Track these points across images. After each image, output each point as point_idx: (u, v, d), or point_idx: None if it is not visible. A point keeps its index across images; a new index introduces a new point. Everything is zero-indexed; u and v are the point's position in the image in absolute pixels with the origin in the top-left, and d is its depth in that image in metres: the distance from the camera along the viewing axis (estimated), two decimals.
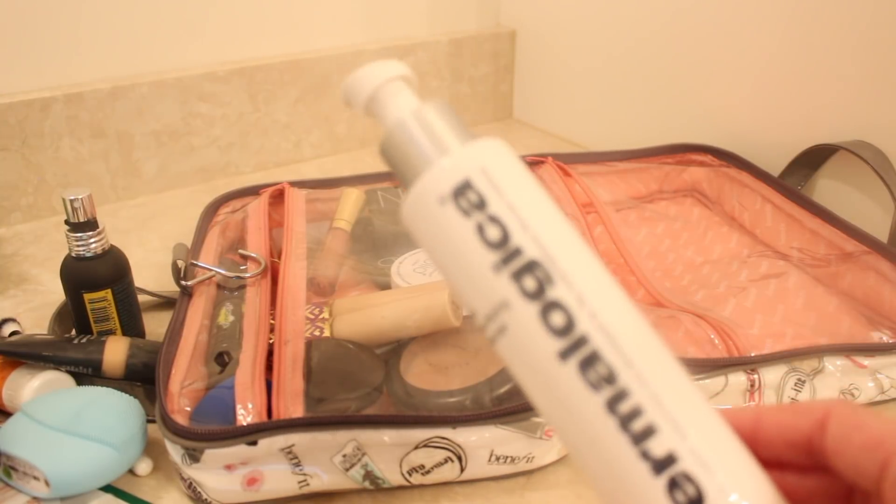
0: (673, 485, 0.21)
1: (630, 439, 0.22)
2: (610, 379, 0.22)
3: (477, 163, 0.25)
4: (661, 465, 0.22)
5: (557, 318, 0.23)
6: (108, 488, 0.41)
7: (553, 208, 0.25)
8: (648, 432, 0.22)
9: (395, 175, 0.27)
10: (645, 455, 0.22)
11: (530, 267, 0.23)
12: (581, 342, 0.23)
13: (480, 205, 0.24)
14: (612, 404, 0.22)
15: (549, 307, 0.23)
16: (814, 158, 0.65)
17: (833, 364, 0.44)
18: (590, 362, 0.23)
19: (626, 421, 0.22)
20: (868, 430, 0.22)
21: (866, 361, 0.45)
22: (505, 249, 0.24)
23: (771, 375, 0.43)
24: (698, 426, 0.23)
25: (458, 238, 0.24)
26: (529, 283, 0.23)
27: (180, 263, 0.51)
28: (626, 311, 0.24)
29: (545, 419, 0.25)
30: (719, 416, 0.24)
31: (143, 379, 0.45)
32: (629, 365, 0.23)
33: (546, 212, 0.25)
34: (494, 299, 0.24)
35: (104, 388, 0.42)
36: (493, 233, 0.24)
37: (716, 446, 0.22)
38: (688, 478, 0.21)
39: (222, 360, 0.44)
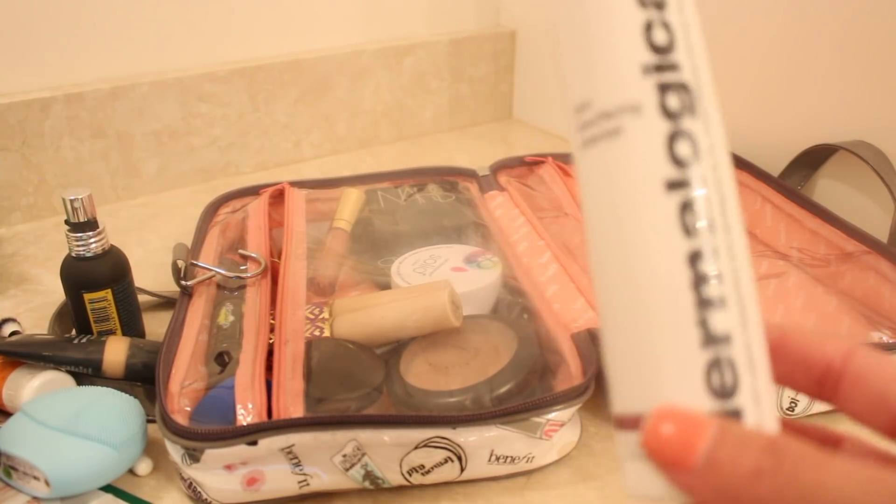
0: (714, 364, 0.20)
1: (696, 300, 0.20)
2: (707, 232, 0.21)
3: None
4: (713, 340, 0.20)
5: (683, 149, 0.21)
6: (109, 488, 0.41)
7: (704, 47, 0.24)
8: (717, 304, 0.21)
9: None
10: (702, 323, 0.20)
11: (681, 87, 0.22)
12: (696, 183, 0.21)
13: (660, 5, 0.22)
14: (695, 258, 0.21)
15: (680, 134, 0.21)
16: (814, 158, 0.65)
17: None
18: (693, 207, 0.21)
19: (700, 280, 0.21)
20: (889, 370, 0.21)
21: None
22: (665, 58, 0.22)
23: None
24: (755, 324, 0.21)
25: (624, 23, 0.22)
26: (673, 101, 0.22)
27: (180, 263, 0.51)
28: (732, 181, 0.23)
29: (595, 245, 0.22)
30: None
31: (143, 379, 0.46)
32: (727, 229, 0.21)
33: (704, 48, 0.23)
34: (627, 97, 0.22)
35: (104, 388, 0.42)
36: (661, 36, 0.22)
37: (761, 351, 0.21)
38: (732, 365, 0.20)
39: (222, 360, 0.44)
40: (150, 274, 0.61)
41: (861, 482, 0.17)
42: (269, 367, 0.42)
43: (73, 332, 0.50)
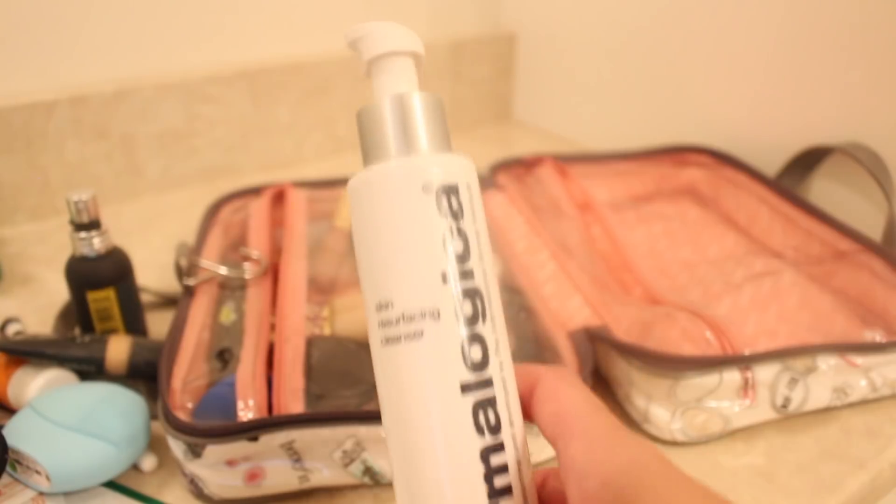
0: None
1: (488, 491, 0.23)
2: (495, 429, 0.23)
3: (467, 176, 0.25)
4: None
5: (476, 353, 0.23)
6: (112, 484, 0.41)
7: (490, 250, 0.26)
8: (506, 492, 0.23)
9: (365, 143, 0.26)
10: None
11: (474, 293, 0.24)
12: (486, 385, 0.23)
13: (457, 215, 0.24)
14: (487, 454, 0.23)
15: (474, 339, 0.23)
16: (809, 160, 0.66)
17: (826, 363, 0.45)
18: (484, 407, 0.23)
19: (492, 474, 0.23)
20: (557, 401, 0.24)
21: (859, 360, 0.46)
22: (461, 265, 0.24)
23: (764, 373, 0.44)
24: (532, 492, 0.24)
25: (424, 231, 0.23)
26: (468, 307, 0.23)
27: (183, 262, 0.52)
28: (512, 370, 0.25)
29: (395, 436, 0.24)
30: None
31: (146, 376, 0.46)
32: (511, 423, 0.24)
33: (490, 254, 0.25)
34: (427, 304, 0.23)
35: (110, 385, 0.43)
36: (458, 245, 0.24)
37: None
38: None
39: (224, 357, 0.45)
40: (153, 273, 0.61)
41: None
42: (269, 365, 0.43)
43: (77, 330, 0.50)
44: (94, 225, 0.47)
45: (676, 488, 0.21)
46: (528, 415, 0.25)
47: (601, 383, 0.49)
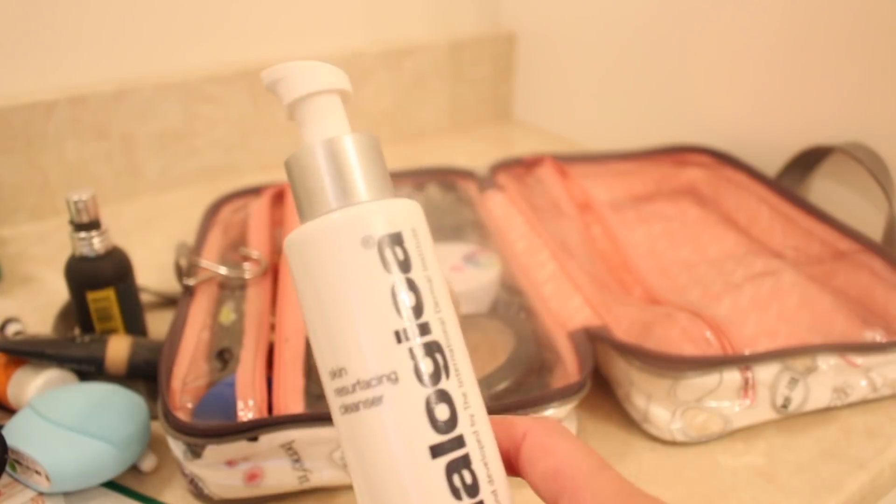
0: None
1: None
2: (472, 491, 0.22)
3: (410, 221, 0.23)
4: None
5: (442, 412, 0.22)
6: (112, 484, 0.41)
7: (449, 299, 0.24)
8: None
9: (297, 196, 0.24)
10: None
11: (433, 348, 0.22)
12: (457, 443, 0.22)
13: (404, 265, 0.22)
14: None
15: (439, 397, 0.22)
16: (809, 160, 0.66)
17: (826, 363, 0.45)
18: (458, 467, 0.21)
19: None
20: (552, 457, 0.22)
21: (859, 360, 0.46)
22: (415, 321, 0.22)
23: (764, 373, 0.44)
24: None
25: (372, 289, 0.22)
26: (428, 364, 0.22)
27: (182, 262, 0.52)
28: (486, 419, 0.23)
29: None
30: None
31: (146, 376, 0.46)
32: (490, 481, 0.22)
33: (449, 300, 0.24)
34: (384, 368, 0.21)
35: (110, 385, 0.43)
36: (409, 299, 0.22)
37: None
38: None
39: (224, 357, 0.45)
40: (153, 273, 0.61)
41: None
42: (269, 365, 0.43)
43: (77, 330, 0.50)
44: (93, 225, 0.47)
45: None
46: (514, 470, 0.23)
47: (601, 383, 0.49)
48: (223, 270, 0.51)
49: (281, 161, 0.85)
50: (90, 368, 0.45)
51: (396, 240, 0.22)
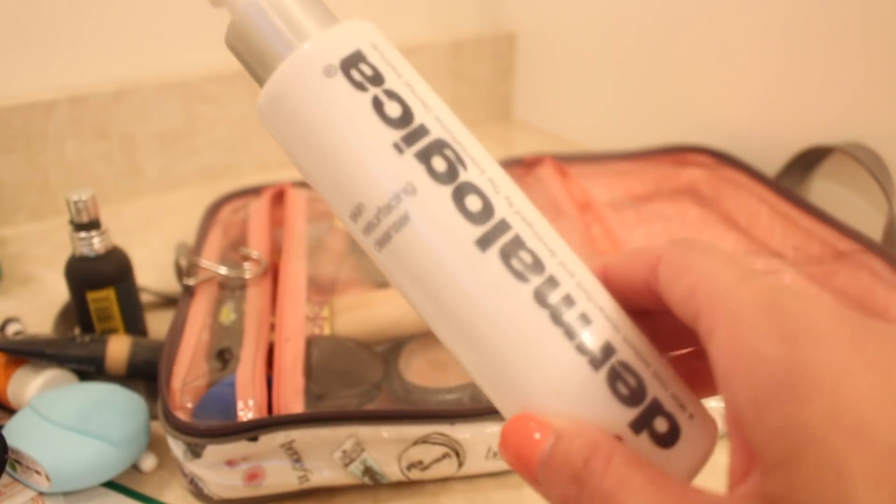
0: (614, 376, 0.20)
1: (565, 332, 0.20)
2: (536, 268, 0.20)
3: (365, 37, 0.22)
4: (600, 356, 0.20)
5: (473, 203, 0.20)
6: (112, 484, 0.41)
7: (437, 96, 0.23)
8: (584, 323, 0.20)
9: (248, 64, 0.23)
10: (581, 348, 0.20)
11: (439, 146, 0.21)
12: (502, 227, 0.20)
13: (376, 79, 0.21)
14: (542, 295, 0.20)
15: (463, 190, 0.21)
16: (809, 160, 0.66)
17: None
18: (513, 250, 0.20)
19: (558, 312, 0.20)
20: (687, 275, 0.19)
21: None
22: (408, 127, 0.21)
23: None
24: (619, 312, 0.21)
25: (352, 113, 0.21)
26: (439, 163, 0.21)
27: (182, 262, 0.52)
28: (525, 198, 0.22)
29: (447, 333, 0.21)
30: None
31: (146, 376, 0.46)
32: (552, 253, 0.21)
33: (437, 97, 0.23)
34: (397, 184, 0.20)
35: (110, 385, 0.43)
36: (394, 108, 0.21)
37: (636, 333, 0.21)
38: (627, 368, 0.20)
39: (223, 357, 0.45)
40: (153, 273, 0.61)
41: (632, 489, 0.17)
42: (269, 365, 0.43)
43: (77, 330, 0.50)
44: (93, 225, 0.47)
45: (865, 402, 0.15)
46: (654, 303, 0.21)
47: None
48: (223, 270, 0.51)
49: (281, 161, 0.85)
50: (90, 368, 0.45)
51: (358, 58, 0.21)
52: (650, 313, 0.22)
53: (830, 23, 0.62)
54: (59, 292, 0.59)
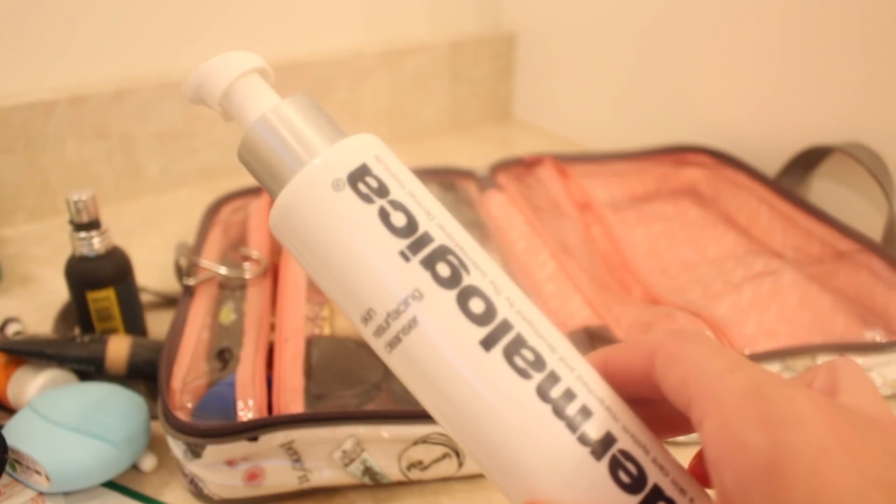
0: (616, 465, 0.21)
1: (567, 425, 0.21)
2: (538, 364, 0.22)
3: (370, 150, 0.23)
4: (601, 447, 0.21)
5: (477, 305, 0.22)
6: (112, 484, 0.41)
7: (439, 203, 0.24)
8: (584, 415, 0.21)
9: (260, 178, 0.25)
10: (583, 440, 0.21)
11: (442, 252, 0.22)
12: (504, 328, 0.22)
13: (381, 191, 0.23)
14: (544, 390, 0.21)
15: (467, 293, 0.22)
16: (809, 160, 0.66)
17: None
18: (515, 348, 0.22)
19: (560, 407, 0.21)
20: (680, 364, 0.20)
21: (859, 360, 0.46)
22: (413, 235, 0.22)
23: None
24: (617, 403, 0.22)
25: (361, 225, 0.22)
26: (443, 269, 0.22)
27: (183, 262, 0.52)
28: (525, 297, 0.23)
29: (455, 428, 0.22)
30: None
31: (146, 376, 0.46)
32: (552, 349, 0.22)
33: (439, 204, 0.24)
34: (405, 290, 0.22)
35: (110, 385, 0.43)
36: (399, 219, 0.22)
37: (635, 421, 0.22)
38: (628, 456, 0.21)
39: (223, 357, 0.45)
40: (153, 273, 0.61)
41: None
42: (269, 365, 0.43)
43: (77, 330, 0.50)
44: (93, 225, 0.47)
45: (843, 483, 0.16)
46: (654, 391, 0.22)
47: None
48: (223, 270, 0.51)
49: None
50: (90, 368, 0.45)
51: (363, 171, 0.23)
52: (649, 401, 0.23)
53: (830, 23, 0.62)
54: (59, 292, 0.59)
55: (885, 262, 0.52)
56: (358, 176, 0.23)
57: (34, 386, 0.44)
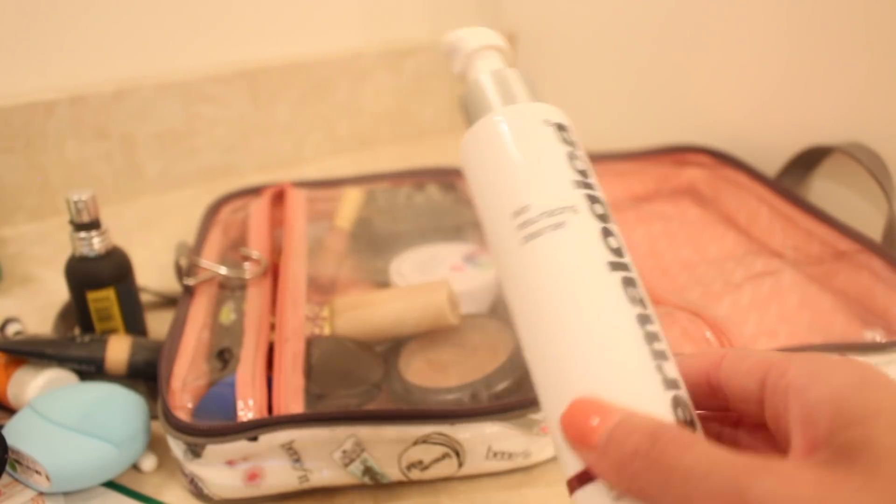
0: (676, 402, 0.24)
1: (651, 353, 0.24)
2: (643, 302, 0.25)
3: (568, 119, 0.30)
4: (670, 383, 0.24)
5: (613, 242, 0.26)
6: (112, 484, 0.41)
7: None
8: (663, 355, 0.25)
9: (476, 101, 0.30)
10: (660, 370, 0.24)
11: (600, 200, 0.27)
12: (627, 267, 0.26)
13: (573, 144, 0.28)
14: (642, 321, 0.25)
15: (609, 231, 0.26)
16: (809, 160, 0.66)
17: None
18: (631, 283, 0.25)
19: (650, 338, 0.25)
20: (753, 357, 0.24)
21: (859, 360, 0.46)
22: (585, 180, 0.27)
23: None
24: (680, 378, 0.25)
25: (553, 151, 0.28)
26: (599, 208, 0.27)
27: (183, 262, 0.52)
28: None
29: (540, 318, 0.26)
30: None
31: (146, 376, 0.46)
32: (649, 304, 0.26)
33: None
34: (566, 201, 0.26)
35: (110, 385, 0.43)
36: (579, 164, 0.28)
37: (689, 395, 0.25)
38: (685, 403, 0.24)
39: (224, 357, 0.45)
40: (153, 273, 0.61)
41: (710, 463, 0.20)
42: (269, 365, 0.43)
43: (77, 330, 0.50)
44: (93, 225, 0.47)
45: None
46: (715, 396, 0.25)
47: None
48: (223, 270, 0.51)
49: (281, 161, 0.85)
50: (90, 368, 0.45)
51: (565, 127, 0.29)
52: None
53: (830, 23, 0.62)
54: (59, 292, 0.59)
55: (885, 262, 0.52)
56: (561, 127, 0.29)
57: (34, 386, 0.44)
